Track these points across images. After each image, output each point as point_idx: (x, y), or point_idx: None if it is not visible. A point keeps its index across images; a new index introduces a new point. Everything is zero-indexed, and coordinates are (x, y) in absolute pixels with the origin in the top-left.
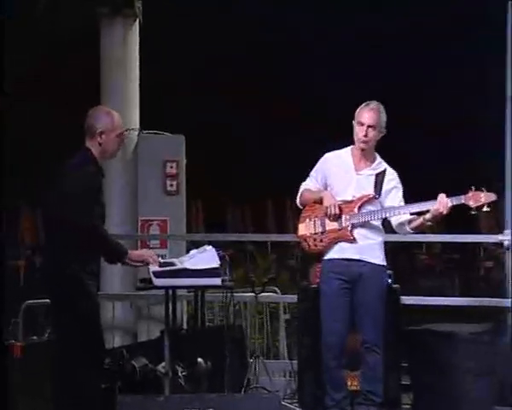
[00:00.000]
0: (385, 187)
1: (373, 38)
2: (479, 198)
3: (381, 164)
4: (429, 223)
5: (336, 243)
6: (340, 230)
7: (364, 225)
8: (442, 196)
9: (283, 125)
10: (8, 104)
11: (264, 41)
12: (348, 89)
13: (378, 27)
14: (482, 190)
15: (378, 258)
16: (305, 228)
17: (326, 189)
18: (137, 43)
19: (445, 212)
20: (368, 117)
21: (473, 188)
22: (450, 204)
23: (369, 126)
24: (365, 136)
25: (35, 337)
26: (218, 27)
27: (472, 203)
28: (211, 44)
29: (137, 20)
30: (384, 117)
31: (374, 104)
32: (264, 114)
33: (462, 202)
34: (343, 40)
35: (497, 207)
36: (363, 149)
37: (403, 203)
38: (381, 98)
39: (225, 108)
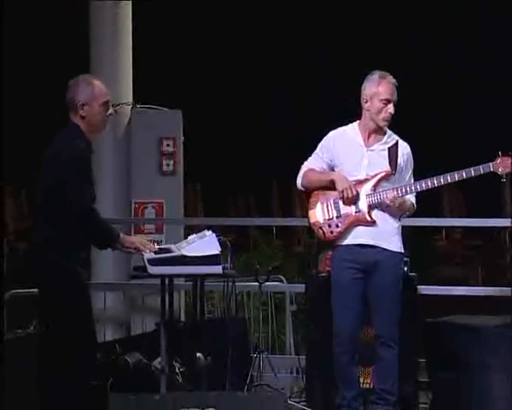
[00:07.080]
0: (399, 161)
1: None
2: (507, 164)
3: (391, 136)
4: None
5: (355, 227)
6: (357, 212)
7: (381, 205)
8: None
9: (288, 100)
10: None
11: (265, 11)
12: (356, 64)
13: None
14: (510, 156)
15: (396, 244)
16: (317, 214)
17: (332, 169)
18: (130, 11)
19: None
20: (391, 92)
21: (500, 153)
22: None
23: (391, 102)
24: (392, 114)
25: (20, 330)
26: None
27: (501, 170)
28: (212, 11)
29: None
30: None
31: (389, 76)
32: (269, 86)
33: (491, 169)
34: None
35: None
36: (381, 128)
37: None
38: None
39: (226, 81)
